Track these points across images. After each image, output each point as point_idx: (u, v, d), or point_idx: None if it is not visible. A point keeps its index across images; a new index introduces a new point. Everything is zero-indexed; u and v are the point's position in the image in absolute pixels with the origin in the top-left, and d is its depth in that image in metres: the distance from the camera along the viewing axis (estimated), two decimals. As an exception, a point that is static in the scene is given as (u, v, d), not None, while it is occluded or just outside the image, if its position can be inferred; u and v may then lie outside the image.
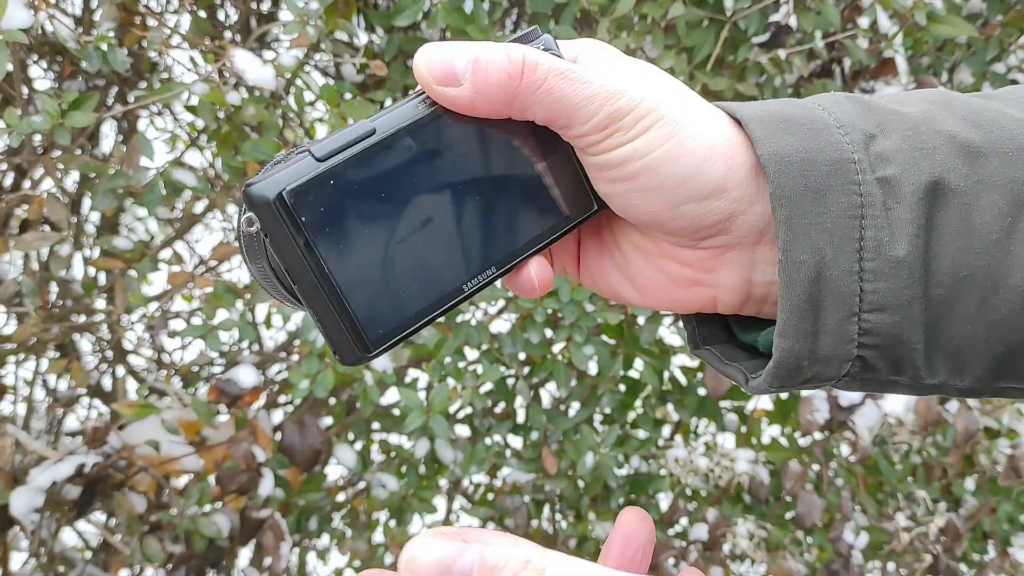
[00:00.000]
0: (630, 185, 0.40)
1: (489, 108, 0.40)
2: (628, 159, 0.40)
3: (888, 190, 0.38)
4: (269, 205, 0.36)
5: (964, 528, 1.42)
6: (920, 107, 0.41)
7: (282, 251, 0.37)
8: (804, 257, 0.38)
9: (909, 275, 0.38)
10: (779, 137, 0.39)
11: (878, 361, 0.39)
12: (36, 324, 1.15)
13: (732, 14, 1.27)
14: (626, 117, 0.39)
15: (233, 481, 1.25)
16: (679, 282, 0.44)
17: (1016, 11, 1.50)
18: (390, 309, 0.38)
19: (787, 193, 0.38)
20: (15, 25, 1.00)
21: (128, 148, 1.07)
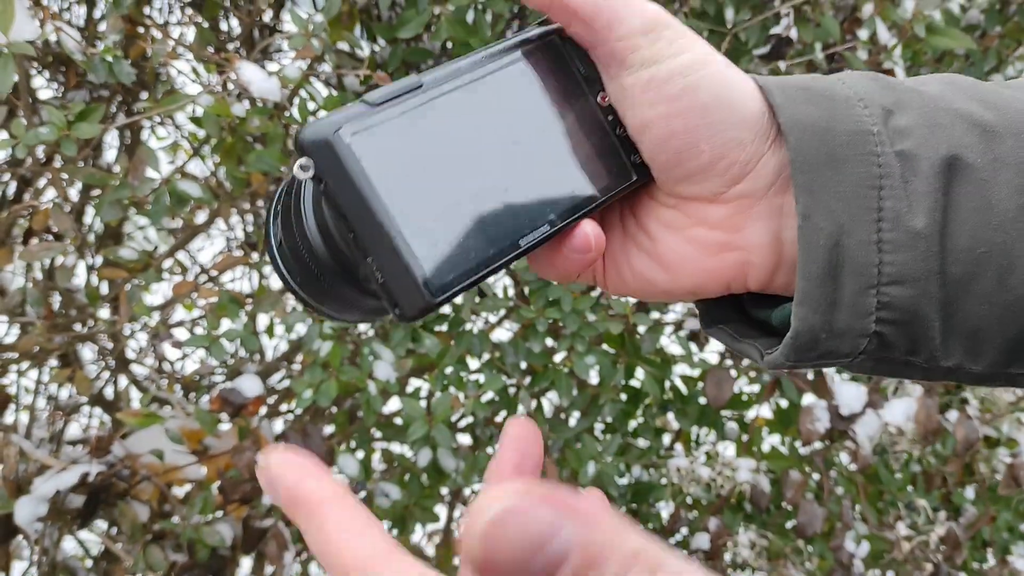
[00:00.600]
0: (675, 106, 0.40)
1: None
2: (674, 74, 0.40)
3: (906, 163, 0.38)
4: (328, 144, 0.35)
5: (964, 537, 1.43)
6: (936, 87, 0.42)
7: (341, 193, 0.35)
8: (823, 224, 0.38)
9: (927, 248, 0.38)
10: (800, 106, 0.40)
11: (896, 338, 0.39)
12: (41, 334, 1.15)
13: (733, 26, 1.28)
14: (668, 28, 0.41)
15: (237, 490, 1.25)
16: (709, 248, 0.43)
17: (1014, 22, 1.51)
18: (453, 256, 0.37)
19: (807, 159, 0.39)
20: (22, 37, 1.01)
21: (134, 159, 1.07)
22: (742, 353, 0.44)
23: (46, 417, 1.58)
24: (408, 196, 0.36)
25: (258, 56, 1.30)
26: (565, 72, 0.43)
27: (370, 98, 0.37)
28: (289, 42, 1.11)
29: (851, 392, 1.38)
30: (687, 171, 0.42)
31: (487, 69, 0.41)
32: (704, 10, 1.28)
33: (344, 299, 0.41)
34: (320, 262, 0.39)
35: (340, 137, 0.35)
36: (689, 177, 0.42)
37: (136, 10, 1.12)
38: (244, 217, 1.56)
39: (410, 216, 0.36)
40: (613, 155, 0.43)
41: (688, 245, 0.44)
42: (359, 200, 0.35)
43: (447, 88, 0.39)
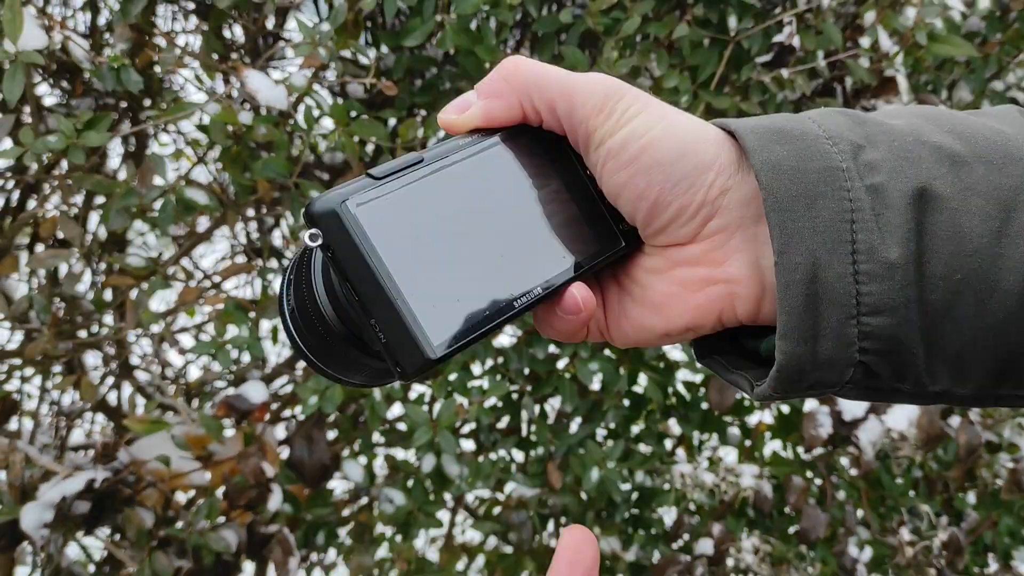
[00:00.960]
0: (634, 167, 0.43)
1: (500, 103, 0.45)
2: (628, 141, 0.43)
3: (876, 197, 0.40)
4: (335, 214, 0.38)
5: (966, 542, 1.43)
6: (907, 120, 0.43)
7: (346, 260, 0.38)
8: (799, 259, 0.39)
9: (904, 277, 0.39)
10: (771, 147, 0.41)
11: (880, 367, 0.40)
12: (49, 341, 1.16)
13: (735, 34, 1.29)
14: (620, 101, 0.44)
15: (242, 496, 1.26)
16: (694, 285, 0.45)
17: (1014, 29, 1.52)
18: (450, 317, 0.39)
19: (779, 199, 0.40)
20: (31, 46, 1.02)
21: (142, 167, 1.08)
22: (733, 384, 0.46)
23: (49, 423, 1.58)
24: (409, 262, 0.39)
25: (263, 64, 1.30)
26: (558, 149, 0.47)
27: (375, 172, 0.40)
28: (296, 50, 1.11)
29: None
30: (662, 224, 0.44)
31: (485, 145, 0.44)
32: (707, 18, 1.29)
33: (351, 361, 0.43)
34: (328, 326, 0.42)
35: (346, 208, 0.38)
36: (665, 228, 0.45)
37: (143, 19, 1.13)
38: (248, 224, 1.56)
39: (410, 280, 0.39)
40: (602, 224, 0.46)
41: (674, 285, 0.45)
42: (363, 266, 0.38)
43: (447, 163, 0.42)
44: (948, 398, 0.42)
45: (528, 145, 0.46)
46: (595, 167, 0.45)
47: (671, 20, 1.30)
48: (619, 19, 1.25)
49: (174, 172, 1.56)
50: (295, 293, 0.43)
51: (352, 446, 1.50)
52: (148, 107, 1.36)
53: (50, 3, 1.38)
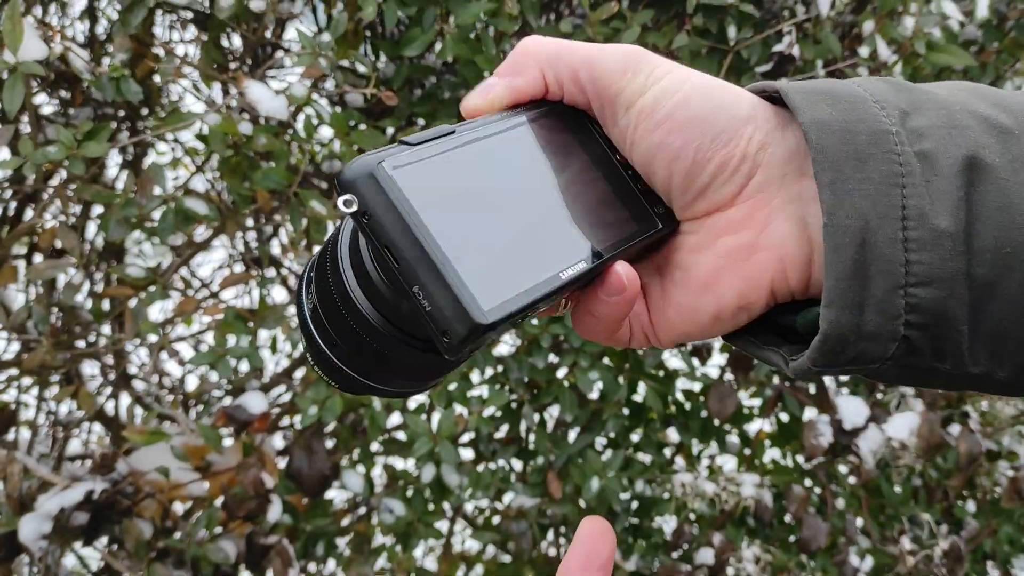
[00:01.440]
0: (669, 125, 0.42)
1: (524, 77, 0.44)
2: (659, 99, 0.42)
3: (926, 163, 0.39)
4: (372, 177, 0.36)
5: (966, 550, 1.43)
6: (950, 92, 0.42)
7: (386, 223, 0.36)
8: (849, 221, 0.38)
9: (953, 247, 0.38)
10: (819, 107, 0.40)
11: (923, 343, 0.39)
12: (47, 351, 1.15)
13: (735, 44, 1.29)
14: (643, 62, 0.43)
15: (242, 507, 1.25)
16: (740, 253, 0.43)
17: (1011, 38, 1.53)
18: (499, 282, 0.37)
19: (829, 157, 0.39)
20: (31, 57, 1.02)
21: (141, 177, 1.08)
22: (765, 361, 0.44)
23: (47, 433, 1.57)
24: (451, 225, 0.37)
25: (262, 73, 1.30)
26: (585, 131, 0.45)
27: (409, 139, 0.38)
28: (296, 61, 1.11)
29: (853, 406, 1.38)
30: (701, 184, 0.43)
31: (515, 122, 0.43)
32: (707, 28, 1.29)
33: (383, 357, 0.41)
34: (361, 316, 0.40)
35: (383, 169, 0.36)
36: (705, 188, 0.43)
37: (142, 29, 1.12)
38: (246, 233, 1.56)
39: (454, 242, 0.36)
40: (637, 206, 0.44)
41: (720, 258, 0.43)
42: (404, 228, 0.35)
43: (480, 135, 0.41)
44: (984, 382, 0.40)
45: (555, 122, 0.44)
46: (625, 131, 0.43)
47: (670, 30, 1.30)
48: (619, 29, 1.25)
49: (172, 181, 1.56)
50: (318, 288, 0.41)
51: (351, 456, 1.49)
52: (147, 116, 1.36)
53: (49, 13, 1.38)
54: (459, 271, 0.36)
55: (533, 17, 1.26)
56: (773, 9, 1.28)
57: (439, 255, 0.35)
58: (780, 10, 1.28)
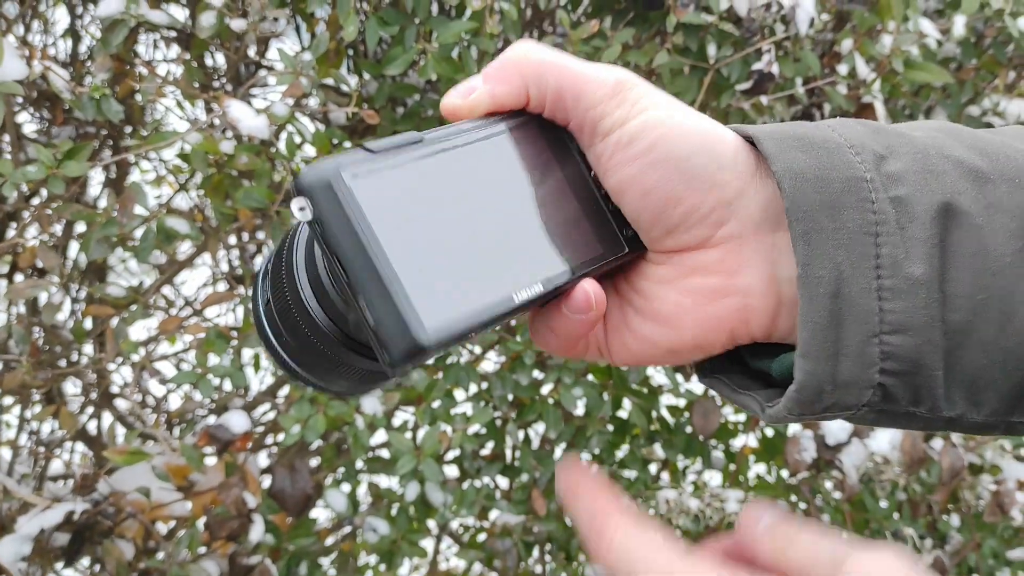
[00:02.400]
0: (645, 160, 0.41)
1: (507, 87, 0.43)
2: (640, 131, 0.41)
3: (901, 209, 0.38)
4: (327, 184, 0.35)
5: (950, 564, 1.44)
6: (927, 133, 0.42)
7: (337, 232, 0.35)
8: (823, 272, 0.38)
9: (927, 295, 0.38)
10: (792, 154, 0.40)
11: (899, 389, 0.39)
12: (28, 372, 1.15)
13: (715, 62, 1.30)
14: (632, 90, 0.42)
15: (224, 527, 1.24)
16: (706, 295, 0.42)
17: (989, 55, 1.55)
18: (447, 302, 0.36)
19: (803, 207, 0.38)
20: (11, 76, 1.02)
21: (122, 196, 1.08)
22: (741, 405, 0.43)
23: (27, 453, 1.56)
24: (404, 240, 0.36)
25: (245, 92, 1.30)
26: (562, 147, 0.44)
27: (371, 145, 0.37)
28: (278, 79, 1.12)
29: (837, 422, 1.39)
30: (671, 222, 0.42)
31: (488, 132, 0.42)
32: (687, 46, 1.30)
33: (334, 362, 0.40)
34: (311, 319, 0.39)
35: (340, 178, 0.35)
36: (675, 228, 0.42)
37: (124, 48, 1.13)
38: (229, 251, 1.56)
39: (406, 260, 0.36)
40: (605, 227, 0.43)
41: (684, 296, 0.43)
42: (354, 238, 0.35)
43: (448, 146, 0.40)
44: (960, 424, 0.40)
45: (532, 136, 0.43)
46: (600, 158, 0.43)
47: (652, 48, 1.31)
48: (599, 47, 1.26)
49: (154, 200, 1.55)
50: (273, 286, 0.41)
51: (335, 474, 1.49)
52: (129, 135, 1.36)
53: (31, 32, 1.38)
54: (406, 287, 0.35)
55: (515, 36, 1.26)
56: (752, 28, 1.29)
57: (387, 270, 0.35)
58: (759, 29, 1.29)
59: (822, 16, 1.39)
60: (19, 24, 1.33)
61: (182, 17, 1.29)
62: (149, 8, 1.10)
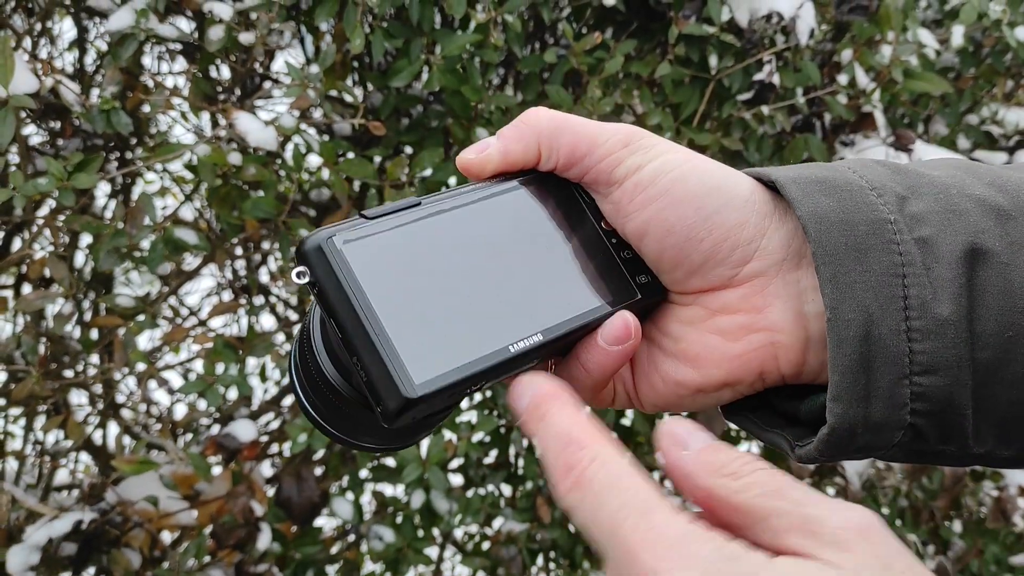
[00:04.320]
0: (665, 201, 0.42)
1: (519, 145, 0.44)
2: (657, 173, 0.42)
3: (926, 250, 0.39)
4: (320, 250, 0.37)
5: (953, 571, 1.44)
6: (946, 172, 0.42)
7: (331, 295, 0.37)
8: (852, 315, 0.38)
9: (956, 335, 0.38)
10: (816, 198, 0.40)
11: (929, 429, 0.39)
12: (36, 382, 1.15)
13: (716, 72, 1.32)
14: (643, 139, 0.43)
15: (230, 536, 1.25)
16: (733, 333, 0.42)
17: (987, 65, 1.56)
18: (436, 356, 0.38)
19: (829, 251, 0.39)
20: (21, 90, 1.03)
21: (132, 207, 1.09)
22: (768, 443, 0.44)
23: (34, 463, 1.57)
24: (396, 300, 0.38)
25: (251, 104, 1.31)
26: (568, 200, 0.45)
27: (367, 212, 0.40)
28: (285, 91, 1.13)
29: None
30: (693, 263, 0.42)
31: (486, 193, 0.43)
32: (689, 57, 1.31)
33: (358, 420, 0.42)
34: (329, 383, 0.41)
35: (332, 243, 0.38)
36: (697, 269, 0.42)
37: (132, 61, 1.14)
38: (235, 262, 1.57)
39: (395, 316, 0.37)
40: (617, 276, 0.44)
41: (712, 335, 0.43)
42: (346, 300, 0.37)
43: (444, 207, 0.42)
44: (988, 460, 0.41)
45: (540, 192, 0.44)
46: (619, 203, 0.43)
47: (653, 59, 1.32)
48: (602, 58, 1.27)
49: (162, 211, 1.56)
50: (299, 349, 0.43)
51: (340, 483, 1.49)
52: (136, 147, 1.37)
53: (40, 46, 1.39)
54: (395, 345, 0.37)
55: (518, 48, 1.28)
56: (753, 39, 1.30)
57: (376, 328, 0.37)
58: (760, 39, 1.31)
59: (822, 27, 1.41)
60: (28, 38, 1.34)
61: (189, 30, 1.30)
62: (158, 22, 1.12)
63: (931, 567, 1.39)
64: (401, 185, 1.20)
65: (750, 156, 1.36)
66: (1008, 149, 1.58)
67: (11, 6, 1.31)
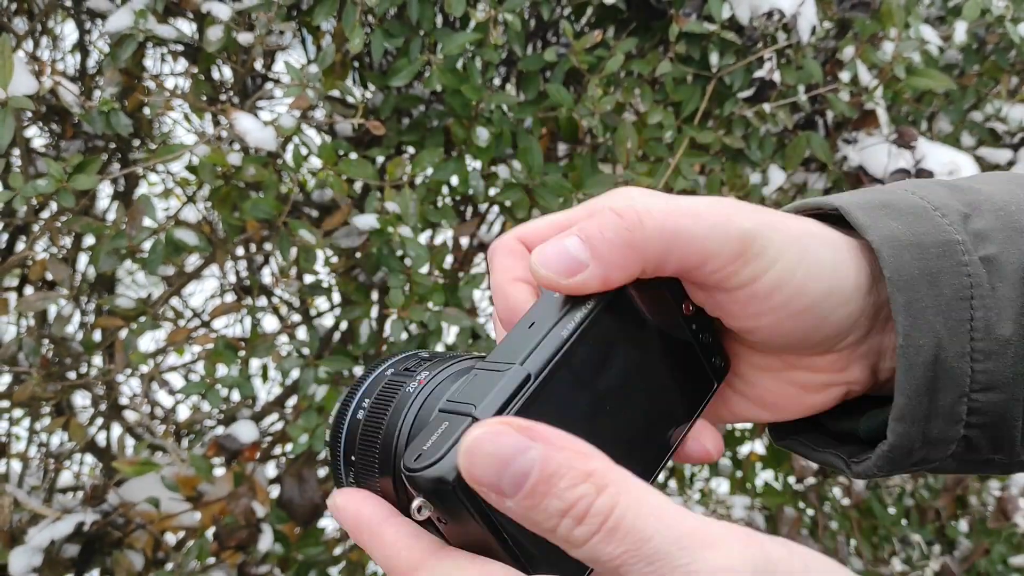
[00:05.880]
0: (784, 312, 0.40)
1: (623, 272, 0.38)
2: (777, 285, 0.39)
3: (992, 269, 0.39)
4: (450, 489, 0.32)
5: (959, 570, 1.43)
6: (1002, 187, 0.42)
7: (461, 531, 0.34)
8: (923, 341, 0.38)
9: (1015, 353, 0.38)
10: (884, 222, 0.40)
11: (981, 440, 0.40)
12: (38, 383, 1.15)
13: (717, 70, 1.31)
14: (754, 245, 0.39)
15: (233, 537, 1.25)
16: (813, 388, 0.43)
17: (991, 61, 1.55)
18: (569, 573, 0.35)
19: (904, 277, 0.39)
20: (21, 91, 1.03)
21: (131, 208, 1.09)
22: (823, 463, 0.44)
23: (37, 465, 1.57)
24: None
25: (252, 104, 1.31)
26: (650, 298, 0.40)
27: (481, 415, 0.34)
28: (284, 92, 1.13)
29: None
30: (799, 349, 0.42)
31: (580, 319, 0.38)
32: (689, 55, 1.31)
33: None
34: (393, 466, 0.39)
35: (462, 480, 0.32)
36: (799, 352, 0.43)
37: (133, 62, 1.14)
38: (237, 262, 1.57)
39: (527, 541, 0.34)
40: (698, 369, 0.42)
41: (790, 386, 0.44)
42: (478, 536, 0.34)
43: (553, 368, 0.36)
44: None
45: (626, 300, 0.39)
46: (725, 307, 0.41)
47: (654, 57, 1.32)
48: (603, 57, 1.27)
49: (163, 212, 1.57)
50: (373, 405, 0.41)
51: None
52: (137, 148, 1.37)
53: (40, 47, 1.39)
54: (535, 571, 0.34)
55: (518, 47, 1.27)
56: (755, 36, 1.30)
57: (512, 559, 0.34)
58: (762, 37, 1.30)
59: (824, 24, 1.40)
60: (28, 39, 1.34)
61: (189, 31, 1.30)
62: (157, 23, 1.12)
63: (936, 567, 1.38)
64: (401, 186, 1.20)
65: (752, 154, 1.36)
66: (1012, 146, 1.57)
67: (12, 8, 1.31)
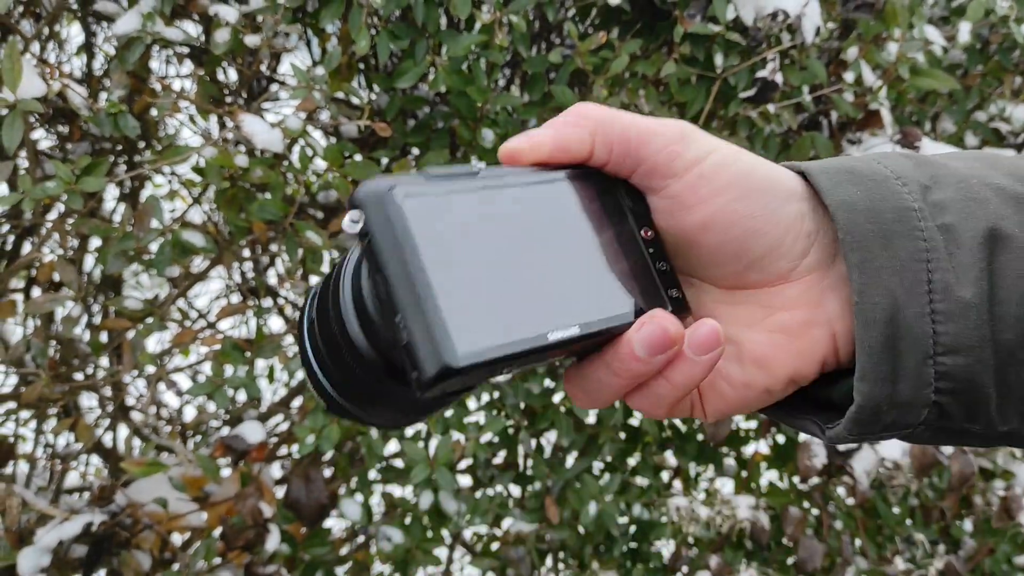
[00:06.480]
0: (731, 194, 0.42)
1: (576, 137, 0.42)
2: (721, 165, 0.42)
3: (948, 236, 0.40)
4: (380, 199, 0.36)
5: (963, 570, 1.44)
6: (966, 163, 0.44)
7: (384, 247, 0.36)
8: (878, 299, 0.40)
9: (978, 317, 0.40)
10: (844, 188, 0.41)
11: (954, 408, 0.41)
12: (46, 384, 1.16)
13: (722, 71, 1.32)
14: (695, 133, 0.43)
15: (240, 537, 1.26)
16: (796, 330, 0.43)
17: (995, 62, 1.55)
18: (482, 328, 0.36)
19: (857, 238, 0.40)
20: (30, 94, 1.03)
21: (139, 210, 1.09)
22: (800, 429, 0.45)
23: (44, 466, 1.58)
24: (447, 263, 0.36)
25: (258, 106, 1.32)
26: (612, 201, 0.44)
27: (429, 171, 0.38)
28: (291, 93, 1.13)
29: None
30: (755, 255, 0.43)
31: (544, 178, 0.42)
32: (694, 56, 1.31)
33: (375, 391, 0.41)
34: (352, 344, 0.40)
35: (393, 195, 0.36)
36: (758, 261, 0.43)
37: (140, 65, 1.14)
38: (243, 264, 1.57)
39: (446, 281, 0.36)
40: (651, 286, 0.43)
41: (775, 334, 0.44)
42: (400, 254, 0.35)
43: (502, 183, 0.40)
44: (1015, 438, 0.42)
45: (587, 188, 0.43)
46: (678, 197, 0.43)
47: (659, 58, 1.32)
48: (607, 58, 1.27)
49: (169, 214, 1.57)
50: (319, 307, 0.41)
51: (349, 484, 1.50)
52: (144, 150, 1.38)
53: (47, 50, 1.40)
54: (443, 309, 0.35)
55: (524, 48, 1.28)
56: (759, 37, 1.30)
57: (427, 289, 0.35)
58: (766, 38, 1.31)
59: (828, 24, 1.40)
60: (36, 43, 1.35)
61: (196, 33, 1.31)
62: (164, 25, 1.12)
63: (940, 566, 1.38)
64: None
65: (757, 154, 1.36)
66: (1016, 146, 1.58)
67: (19, 12, 1.32)
